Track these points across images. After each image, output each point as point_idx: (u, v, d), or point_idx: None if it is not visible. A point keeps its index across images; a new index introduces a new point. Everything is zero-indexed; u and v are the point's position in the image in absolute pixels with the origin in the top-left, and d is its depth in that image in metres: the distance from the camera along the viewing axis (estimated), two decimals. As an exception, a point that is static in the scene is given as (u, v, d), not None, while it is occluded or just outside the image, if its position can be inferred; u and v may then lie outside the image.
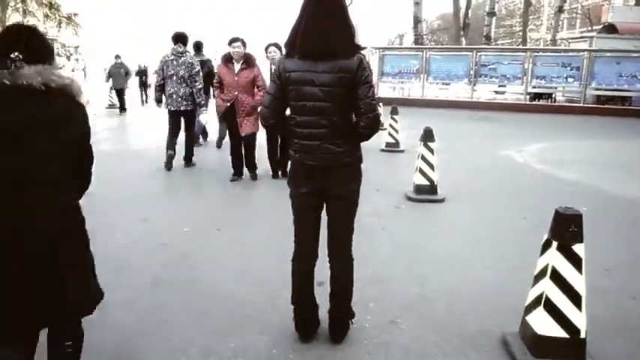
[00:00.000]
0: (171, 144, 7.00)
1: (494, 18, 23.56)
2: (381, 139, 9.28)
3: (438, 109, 17.54)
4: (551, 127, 13.58)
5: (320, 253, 2.69)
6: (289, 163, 2.62)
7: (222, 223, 4.80)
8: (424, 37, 25.07)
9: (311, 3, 2.34)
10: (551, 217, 2.49)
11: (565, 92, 19.32)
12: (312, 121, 2.40)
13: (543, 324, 2.51)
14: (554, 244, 2.47)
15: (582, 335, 2.49)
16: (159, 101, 7.07)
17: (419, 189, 5.70)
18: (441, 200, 5.64)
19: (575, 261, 2.45)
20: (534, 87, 18.20)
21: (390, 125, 9.15)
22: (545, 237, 2.55)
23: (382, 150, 9.02)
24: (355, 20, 2.50)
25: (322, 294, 2.79)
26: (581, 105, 17.41)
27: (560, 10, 25.20)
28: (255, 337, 2.79)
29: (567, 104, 18.49)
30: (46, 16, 22.96)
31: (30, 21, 22.58)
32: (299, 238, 2.63)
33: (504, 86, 19.09)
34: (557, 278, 2.47)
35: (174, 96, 6.74)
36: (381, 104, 12.70)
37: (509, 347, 2.66)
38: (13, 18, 21.60)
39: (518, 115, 16.55)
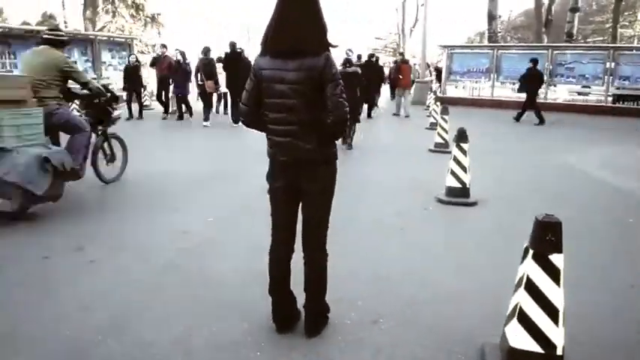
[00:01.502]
0: None
1: (577, 14, 21.98)
2: (433, 138, 9.09)
3: (507, 111, 16.73)
4: (631, 132, 12.49)
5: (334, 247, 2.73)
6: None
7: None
8: (500, 34, 23.95)
9: (281, 2, 2.39)
10: (587, 229, 2.35)
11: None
12: (282, 118, 2.46)
13: (517, 336, 2.40)
14: (530, 252, 2.35)
15: (559, 352, 2.35)
16: None
17: (450, 191, 5.54)
18: (472, 204, 5.44)
19: (552, 272, 2.31)
20: (617, 88, 16.79)
21: (440, 125, 8.92)
22: (525, 245, 2.42)
23: (430, 150, 8.83)
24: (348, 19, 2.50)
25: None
26: (673, 109, 15.81)
27: (654, 4, 23.07)
28: (236, 324, 2.90)
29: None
30: (132, 16, 24.70)
31: (118, 21, 24.43)
32: (274, 231, 2.71)
33: (588, 87, 17.80)
34: (532, 289, 2.35)
35: None
36: (438, 104, 12.39)
37: (485, 358, 2.56)
38: (103, 19, 23.47)
39: (596, 118, 15.37)
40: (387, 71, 19.13)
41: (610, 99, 16.96)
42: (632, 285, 3.54)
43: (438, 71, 19.53)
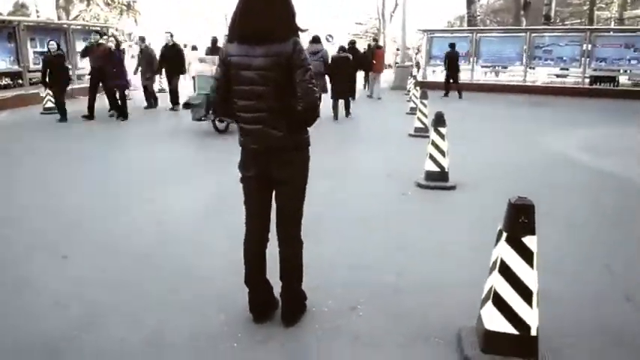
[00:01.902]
0: None
1: (555, -4, 22.14)
2: (413, 123, 9.09)
3: (487, 94, 16.83)
4: (608, 113, 12.64)
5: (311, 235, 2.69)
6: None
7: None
8: (478, 18, 23.99)
9: None
10: (568, 210, 2.35)
11: (631, 76, 17.87)
12: (251, 105, 2.41)
13: (492, 319, 2.41)
14: (504, 235, 2.35)
15: (533, 332, 2.36)
16: None
17: (429, 175, 5.54)
18: (452, 187, 5.46)
19: (526, 254, 2.32)
20: (594, 70, 16.97)
21: (420, 110, 8.91)
22: (498, 228, 2.42)
23: (410, 135, 8.83)
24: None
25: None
26: (647, 89, 16.05)
27: (630, -15, 23.30)
28: (213, 315, 2.87)
29: (631, 89, 17.12)
30: (107, 4, 24.14)
31: (92, 10, 23.86)
32: (247, 220, 2.68)
33: (566, 69, 17.95)
34: (506, 272, 2.35)
35: None
36: (417, 88, 12.39)
37: (461, 342, 2.57)
38: (77, 7, 22.89)
39: (575, 100, 15.51)
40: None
41: (587, 81, 17.15)
42: (607, 264, 3.59)
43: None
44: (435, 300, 3.08)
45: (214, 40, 13.34)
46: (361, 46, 18.26)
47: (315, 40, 10.51)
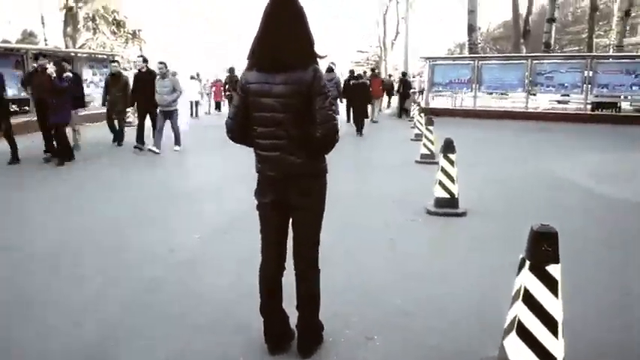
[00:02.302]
0: None
1: (554, 24, 22.40)
2: (418, 150, 9.11)
3: (490, 120, 16.95)
4: (610, 138, 12.70)
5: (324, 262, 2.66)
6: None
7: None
8: (478, 45, 24.32)
9: (266, 15, 2.35)
10: (578, 238, 2.31)
11: (633, 102, 18.01)
12: (270, 132, 2.40)
13: (517, 350, 2.34)
14: (527, 263, 2.30)
15: (559, 364, 2.30)
16: None
17: (438, 202, 5.51)
18: (462, 214, 5.42)
19: (550, 283, 2.27)
20: (596, 96, 17.10)
21: (426, 136, 8.94)
22: (521, 256, 2.38)
23: (417, 161, 8.83)
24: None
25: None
26: (649, 115, 16.12)
27: (627, 14, 23.56)
28: (228, 343, 2.81)
29: (633, 114, 17.22)
30: (113, 32, 24.56)
31: (99, 38, 24.27)
32: (264, 248, 2.64)
33: (567, 95, 18.08)
34: (530, 301, 2.30)
35: None
36: (422, 115, 12.50)
37: (484, 373, 2.50)
38: (83, 36, 23.30)
39: (577, 125, 15.60)
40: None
41: (589, 107, 17.26)
42: (628, 293, 3.53)
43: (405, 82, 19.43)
44: (448, 327, 3.02)
45: (232, 70, 15.61)
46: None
47: (330, 69, 13.05)
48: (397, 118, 18.63)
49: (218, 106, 20.91)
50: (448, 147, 5.46)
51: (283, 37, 2.31)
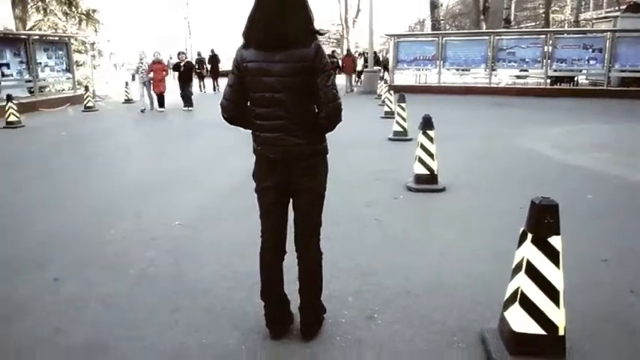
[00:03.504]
0: None
1: (513, 0, 22.83)
2: (390, 127, 9.14)
3: (455, 96, 17.21)
4: (570, 111, 13.12)
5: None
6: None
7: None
8: (441, 22, 24.50)
9: None
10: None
11: (588, 75, 18.64)
12: (270, 112, 2.32)
13: (520, 320, 2.39)
14: (529, 236, 2.34)
15: (561, 332, 2.36)
16: None
17: (418, 179, 5.56)
18: (442, 190, 5.50)
19: (552, 254, 2.32)
20: (555, 70, 17.58)
21: (398, 113, 8.97)
22: (522, 229, 2.42)
23: (390, 139, 8.87)
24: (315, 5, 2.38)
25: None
26: (605, 88, 16.72)
27: (583, -11, 24.30)
28: (227, 333, 2.75)
29: (590, 87, 17.85)
30: (66, 13, 23.28)
31: (50, 19, 22.98)
32: (264, 232, 2.58)
33: (526, 71, 18.54)
34: (533, 273, 2.34)
35: None
36: (391, 92, 12.58)
37: (487, 344, 2.55)
38: (33, 17, 22.00)
39: (538, 99, 16.05)
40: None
41: (549, 81, 17.75)
42: (606, 259, 3.66)
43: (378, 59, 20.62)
44: (447, 302, 3.05)
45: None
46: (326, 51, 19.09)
47: None
48: (361, 95, 18.70)
49: (162, 102, 14.75)
50: (427, 123, 5.49)
51: (282, 12, 2.21)
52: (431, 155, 5.49)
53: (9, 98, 11.72)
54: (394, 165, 6.78)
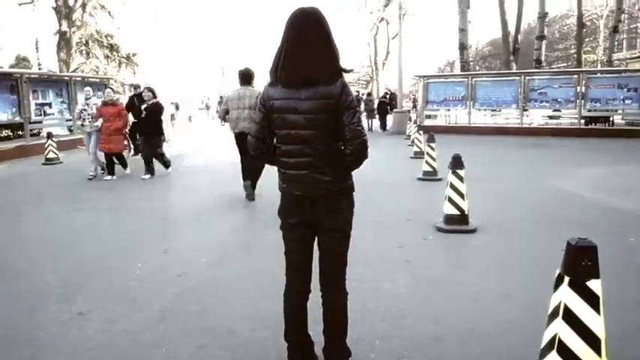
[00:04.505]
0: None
1: (544, 41, 22.82)
2: (419, 167, 9.07)
3: (485, 137, 17.01)
4: (606, 152, 12.76)
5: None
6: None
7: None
8: (471, 63, 24.63)
9: (292, 30, 2.29)
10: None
11: (624, 115, 18.21)
12: (297, 149, 2.32)
13: (558, 370, 2.25)
14: (566, 279, 2.22)
15: (603, 384, 2.20)
16: None
17: (448, 219, 5.44)
18: (473, 231, 5.35)
19: (591, 299, 2.18)
20: (589, 110, 17.27)
21: (427, 153, 8.91)
22: (557, 272, 2.30)
23: (419, 179, 8.78)
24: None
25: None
26: (642, 128, 16.28)
27: (615, 30, 24.03)
28: (249, 375, 2.67)
29: (626, 127, 17.40)
30: (107, 57, 24.58)
31: (92, 62, 24.26)
32: (289, 271, 2.53)
33: (559, 111, 18.29)
34: (571, 318, 2.21)
35: None
36: (420, 132, 12.55)
37: (522, 396, 2.40)
38: (76, 60, 23.26)
39: (571, 140, 15.70)
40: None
41: (582, 121, 17.42)
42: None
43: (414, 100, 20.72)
44: (480, 349, 2.91)
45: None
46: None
47: None
48: (389, 135, 18.75)
49: (111, 168, 9.39)
50: (457, 162, 5.41)
51: (309, 50, 2.25)
52: (461, 195, 5.39)
53: (49, 136, 12.25)
54: (424, 205, 6.69)
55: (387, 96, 21.99)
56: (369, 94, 23.85)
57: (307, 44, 2.26)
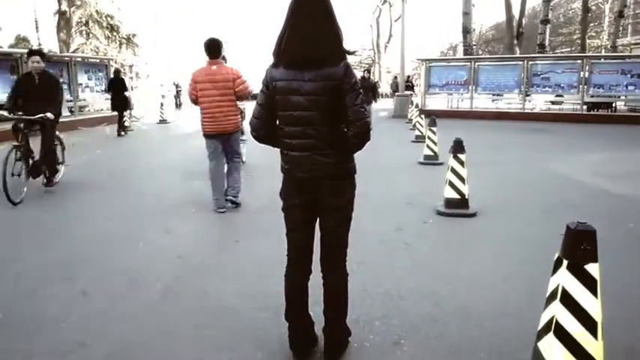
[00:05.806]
0: None
1: (548, 26, 22.60)
2: (420, 151, 9.06)
3: (487, 121, 16.96)
4: (608, 138, 12.73)
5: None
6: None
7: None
8: (474, 47, 24.43)
9: (295, 10, 2.27)
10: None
11: (627, 101, 18.10)
12: (299, 131, 2.33)
13: (554, 351, 2.27)
14: (565, 263, 2.24)
15: (599, 366, 2.23)
16: None
17: (449, 203, 5.45)
18: (473, 215, 5.37)
19: (589, 282, 2.20)
20: (592, 96, 17.17)
21: (429, 137, 8.90)
22: (556, 255, 2.32)
23: (420, 162, 8.79)
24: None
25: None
26: (644, 114, 16.21)
27: (621, 14, 23.81)
28: (250, 354, 2.72)
29: (628, 114, 17.33)
30: (107, 37, 24.38)
31: (92, 43, 24.08)
32: (290, 252, 2.56)
33: (562, 96, 18.19)
34: (569, 301, 2.23)
35: None
36: (422, 116, 12.50)
37: (519, 376, 2.44)
38: (77, 40, 23.10)
39: (573, 125, 15.65)
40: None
41: (585, 107, 17.33)
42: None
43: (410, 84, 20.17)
44: (477, 331, 2.94)
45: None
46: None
47: None
48: (392, 119, 18.65)
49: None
50: (458, 147, 5.41)
51: (314, 32, 2.24)
52: (462, 179, 5.40)
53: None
54: (424, 189, 6.70)
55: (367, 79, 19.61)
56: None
57: (310, 23, 2.25)
